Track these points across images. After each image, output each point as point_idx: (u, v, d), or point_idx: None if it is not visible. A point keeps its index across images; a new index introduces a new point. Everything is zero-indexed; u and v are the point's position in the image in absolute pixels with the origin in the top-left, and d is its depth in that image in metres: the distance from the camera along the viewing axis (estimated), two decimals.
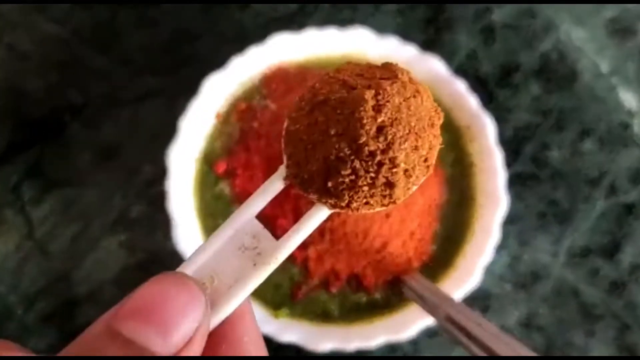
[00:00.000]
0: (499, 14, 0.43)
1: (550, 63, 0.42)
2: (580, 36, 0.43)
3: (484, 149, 0.33)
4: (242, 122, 0.32)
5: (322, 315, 0.30)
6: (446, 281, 0.31)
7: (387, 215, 0.30)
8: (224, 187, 0.31)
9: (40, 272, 0.36)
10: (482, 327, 0.26)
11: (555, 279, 0.39)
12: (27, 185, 0.37)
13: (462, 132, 0.33)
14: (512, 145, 0.40)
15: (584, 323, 0.38)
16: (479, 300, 0.38)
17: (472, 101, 0.33)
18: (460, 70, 0.41)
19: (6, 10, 0.40)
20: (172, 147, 0.30)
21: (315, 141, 0.16)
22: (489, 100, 0.41)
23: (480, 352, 0.25)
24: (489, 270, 0.38)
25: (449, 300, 0.28)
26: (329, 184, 0.16)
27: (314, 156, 0.16)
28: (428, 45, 0.41)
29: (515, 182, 0.40)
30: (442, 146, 0.32)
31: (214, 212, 0.31)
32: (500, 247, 0.38)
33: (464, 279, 0.31)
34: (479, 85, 0.41)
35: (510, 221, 0.39)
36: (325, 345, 0.29)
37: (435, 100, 0.33)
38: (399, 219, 0.30)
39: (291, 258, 0.30)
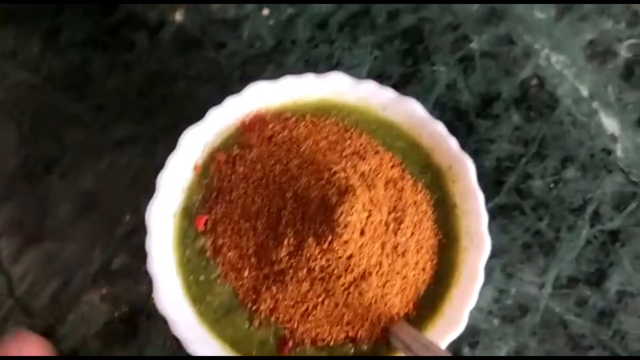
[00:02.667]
0: (478, 42, 0.42)
1: (530, 90, 0.42)
2: (560, 60, 0.43)
3: (465, 190, 0.32)
4: (221, 172, 0.32)
5: None
6: (434, 327, 0.31)
7: (380, 265, 0.30)
8: (205, 241, 0.31)
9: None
10: None
11: (543, 311, 0.38)
12: (4, 242, 0.37)
13: (443, 172, 0.33)
14: (494, 177, 0.40)
15: (573, 354, 0.38)
16: (467, 336, 0.38)
17: (452, 142, 0.33)
18: (439, 102, 0.41)
19: None
20: (151, 204, 0.30)
21: None
22: (469, 132, 0.41)
23: None
24: (477, 306, 0.38)
25: (436, 350, 0.28)
26: None
27: None
28: (407, 77, 0.41)
29: (499, 214, 0.39)
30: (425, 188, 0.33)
31: (196, 268, 0.31)
32: (487, 282, 0.38)
33: (451, 325, 0.31)
34: (459, 116, 0.41)
35: (495, 254, 0.39)
36: None
37: (415, 143, 0.33)
38: (394, 268, 0.30)
39: (281, 317, 0.30)
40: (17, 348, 0.28)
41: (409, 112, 0.33)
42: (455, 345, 0.37)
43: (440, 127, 0.33)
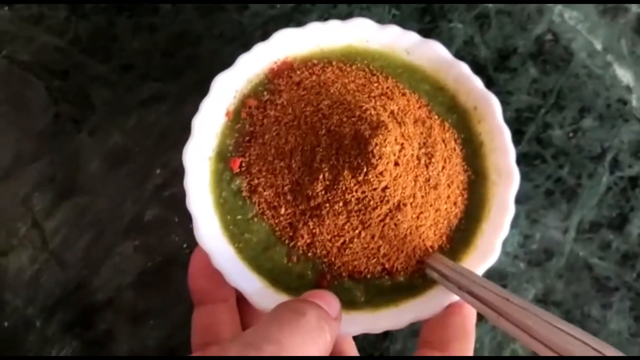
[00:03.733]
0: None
1: (545, 45, 0.43)
2: (573, 16, 0.44)
3: (492, 128, 0.33)
4: (252, 117, 0.32)
5: (348, 302, 0.30)
6: (468, 259, 0.32)
7: (414, 197, 0.30)
8: (241, 182, 0.31)
9: (57, 283, 0.36)
10: (508, 300, 0.26)
11: (568, 255, 0.39)
12: (37, 197, 0.37)
13: (469, 113, 0.34)
14: (515, 127, 0.41)
15: (599, 296, 0.39)
16: (495, 280, 0.38)
17: (477, 82, 0.33)
18: (458, 57, 0.42)
19: (3, 22, 0.40)
20: (186, 147, 0.30)
21: None
22: (489, 86, 0.41)
23: (508, 325, 0.25)
24: (503, 250, 0.39)
25: (472, 277, 0.28)
26: None
27: None
28: (425, 34, 0.41)
29: (521, 163, 0.40)
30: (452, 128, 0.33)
31: (233, 207, 0.31)
32: (512, 227, 0.39)
33: (484, 256, 0.31)
34: (478, 70, 0.41)
35: (519, 201, 0.39)
36: (353, 329, 0.29)
37: (440, 85, 0.34)
38: (427, 200, 0.31)
39: (318, 252, 0.31)
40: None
41: (433, 54, 0.34)
42: None
43: (464, 68, 0.34)
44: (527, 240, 0.39)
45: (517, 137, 0.41)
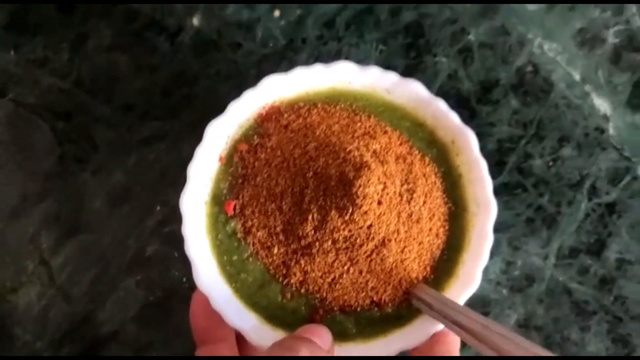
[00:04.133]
0: (475, 34, 0.45)
1: (526, 76, 0.45)
2: (552, 48, 0.45)
3: (470, 160, 0.35)
4: (244, 161, 0.34)
5: (341, 334, 0.32)
6: (451, 288, 0.33)
7: (397, 232, 0.32)
8: (235, 224, 0.33)
9: (64, 317, 0.38)
10: (488, 328, 0.28)
11: (548, 280, 0.41)
12: (44, 235, 0.39)
13: (448, 147, 0.36)
14: (497, 157, 0.43)
15: (578, 320, 0.41)
16: (478, 306, 0.40)
17: (454, 117, 0.35)
18: (442, 91, 0.44)
19: (9, 66, 0.42)
20: (183, 193, 0.32)
21: None
22: (471, 117, 0.43)
23: (489, 351, 0.27)
24: (486, 278, 0.41)
25: (455, 306, 0.30)
26: None
27: None
28: (411, 69, 0.44)
29: (503, 192, 0.42)
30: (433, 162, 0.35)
31: (229, 249, 0.33)
32: (494, 254, 0.41)
33: (466, 284, 0.33)
34: (461, 103, 0.44)
35: (501, 229, 0.42)
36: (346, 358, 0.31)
37: (419, 121, 0.36)
38: (410, 234, 0.33)
39: (310, 288, 0.33)
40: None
41: (412, 93, 0.36)
42: None
43: (442, 105, 0.35)
44: (509, 267, 0.41)
45: (499, 167, 0.43)
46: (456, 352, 0.31)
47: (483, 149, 0.41)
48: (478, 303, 0.40)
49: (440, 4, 0.46)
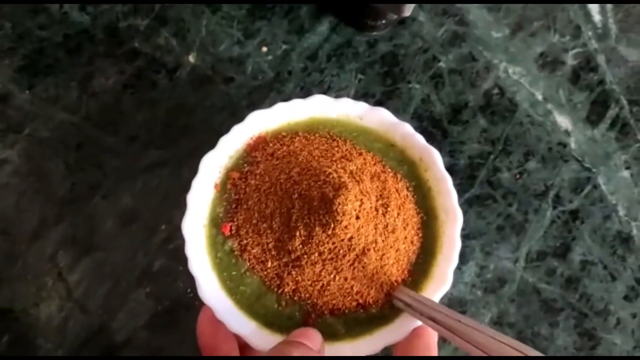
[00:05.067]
0: (445, 62, 0.50)
1: (493, 98, 0.49)
2: (516, 71, 0.50)
3: (436, 175, 0.39)
4: (237, 187, 0.38)
5: (331, 335, 0.35)
6: (427, 288, 0.37)
7: (376, 242, 0.36)
8: (232, 243, 0.37)
9: (81, 328, 0.42)
10: (461, 322, 0.31)
11: (519, 282, 0.45)
12: (61, 255, 0.43)
13: (416, 164, 0.40)
14: (468, 172, 0.47)
15: (547, 316, 0.45)
16: (455, 306, 0.44)
17: (420, 138, 0.39)
18: (417, 113, 0.49)
19: (25, 104, 0.47)
20: (184, 219, 0.36)
21: None
22: (444, 136, 0.48)
23: (461, 342, 0.30)
24: (462, 280, 0.45)
25: (431, 304, 0.34)
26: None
27: None
28: (388, 95, 0.49)
29: (475, 203, 0.47)
30: (404, 178, 0.39)
31: (228, 265, 0.37)
32: (469, 259, 0.45)
33: (440, 285, 0.37)
34: (434, 124, 0.48)
35: (474, 236, 0.46)
36: (338, 355, 0.35)
37: (390, 143, 0.40)
38: (387, 243, 0.36)
39: (302, 295, 0.37)
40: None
41: (381, 118, 0.40)
42: None
43: (408, 128, 0.40)
44: (483, 270, 0.45)
45: (471, 180, 0.47)
46: (434, 345, 0.35)
47: (455, 165, 0.46)
48: (456, 303, 0.44)
49: (413, 34, 0.50)
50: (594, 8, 0.52)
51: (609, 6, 0.52)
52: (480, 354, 0.29)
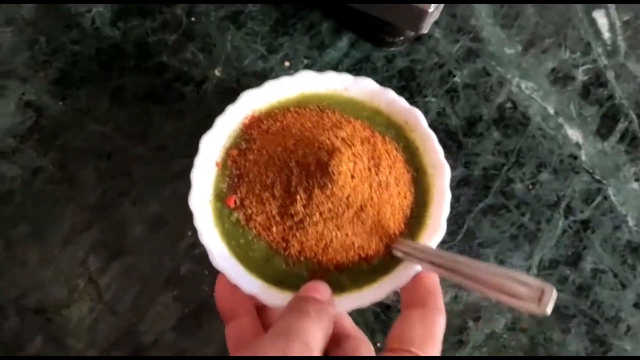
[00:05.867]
0: (460, 76, 0.52)
1: (506, 112, 0.51)
2: (529, 86, 0.52)
3: (422, 135, 0.41)
4: (237, 163, 0.40)
5: (338, 288, 0.38)
6: (423, 237, 0.39)
7: (372, 198, 0.38)
8: (238, 214, 0.39)
9: (111, 329, 0.44)
10: (457, 261, 0.33)
11: None
12: (92, 259, 0.45)
13: (403, 127, 0.42)
14: (483, 183, 0.49)
15: (559, 323, 0.46)
16: (469, 312, 0.46)
17: (404, 102, 0.42)
18: (433, 126, 0.50)
19: (59, 115, 0.49)
20: (190, 195, 0.38)
21: None
22: (459, 148, 0.50)
23: (459, 278, 0.33)
24: None
25: (428, 249, 0.36)
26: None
27: None
28: None
29: (489, 213, 0.48)
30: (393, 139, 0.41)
31: (235, 235, 0.39)
32: None
33: (434, 232, 0.39)
34: (450, 136, 0.50)
35: (488, 245, 0.47)
36: (346, 307, 0.37)
37: (376, 110, 0.42)
38: (383, 199, 0.38)
39: (308, 255, 0.38)
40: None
41: (366, 88, 0.42)
42: (461, 319, 0.46)
43: (391, 94, 0.42)
44: None
45: (485, 191, 0.49)
46: (437, 284, 0.35)
47: (470, 176, 0.48)
48: (470, 309, 0.46)
49: (430, 50, 0.53)
50: (603, 26, 0.54)
51: (618, 23, 0.54)
52: (480, 289, 0.31)
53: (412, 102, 0.50)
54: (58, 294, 0.45)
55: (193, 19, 0.53)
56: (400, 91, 0.51)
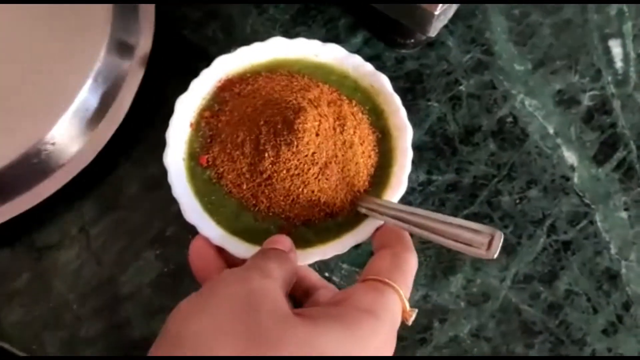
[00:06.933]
0: (466, 86, 0.53)
1: (506, 125, 0.52)
2: (532, 104, 0.53)
3: (386, 98, 0.43)
4: (209, 124, 0.43)
5: (305, 242, 0.40)
6: (385, 194, 0.41)
7: (336, 156, 0.40)
8: (210, 172, 0.42)
9: (93, 276, 0.46)
10: (415, 214, 0.36)
11: (502, 299, 0.47)
12: (87, 207, 0.48)
13: (368, 90, 0.44)
14: (471, 191, 0.50)
15: (524, 337, 0.47)
16: (438, 313, 0.47)
17: (369, 67, 0.44)
18: (432, 130, 0.52)
19: None
20: (165, 153, 0.41)
21: None
22: (454, 154, 0.51)
23: (417, 230, 0.35)
24: (447, 290, 0.47)
25: (391, 204, 0.39)
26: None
27: None
28: (407, 109, 0.51)
29: (472, 220, 0.49)
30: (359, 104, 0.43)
31: (207, 191, 0.41)
32: (457, 272, 0.48)
33: (396, 190, 0.41)
34: (446, 142, 0.51)
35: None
36: (310, 259, 0.39)
37: (344, 75, 0.45)
38: (347, 157, 0.40)
39: (276, 210, 0.40)
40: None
41: (334, 53, 0.45)
42: (427, 319, 0.47)
43: (358, 59, 0.44)
44: (469, 283, 0.48)
45: (471, 199, 0.50)
46: (404, 231, 0.37)
47: (459, 182, 0.49)
48: (438, 310, 0.47)
49: (440, 56, 0.54)
50: (617, 55, 0.54)
51: (632, 55, 0.54)
52: (436, 239, 0.34)
53: (414, 103, 0.52)
54: (52, 236, 0.47)
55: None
56: (404, 92, 0.52)
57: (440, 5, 0.45)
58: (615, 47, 0.55)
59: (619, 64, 0.54)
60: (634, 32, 0.55)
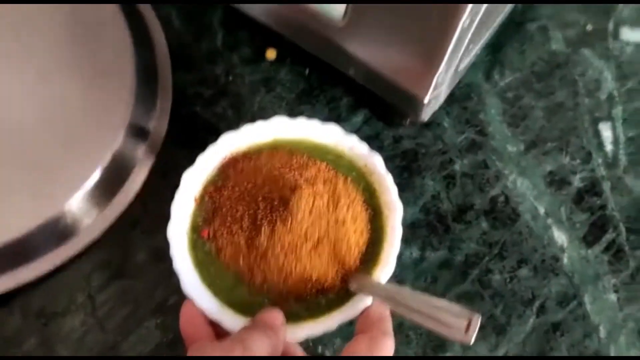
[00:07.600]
0: (460, 165, 0.55)
1: (498, 205, 0.54)
2: (524, 184, 0.55)
3: (379, 177, 0.45)
4: (212, 199, 0.45)
5: (295, 317, 0.41)
6: (375, 272, 0.42)
7: (328, 233, 0.42)
8: (210, 245, 0.44)
9: (96, 343, 0.48)
10: (400, 294, 0.38)
11: None
12: (95, 275, 0.51)
13: (362, 169, 0.46)
14: (462, 268, 0.52)
15: None
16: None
17: (364, 148, 0.46)
18: (425, 207, 0.54)
19: None
20: (169, 226, 0.43)
21: None
22: (446, 232, 0.53)
23: (403, 310, 0.37)
24: None
25: (377, 285, 0.41)
26: None
27: None
28: (402, 186, 0.54)
29: (463, 298, 0.51)
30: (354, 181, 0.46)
31: (206, 263, 0.43)
32: (448, 350, 0.49)
33: (386, 269, 0.42)
34: (439, 219, 0.53)
35: None
36: (299, 336, 0.40)
37: (340, 154, 0.47)
38: (339, 235, 0.42)
39: (269, 285, 0.42)
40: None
41: (332, 134, 0.47)
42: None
43: (354, 140, 0.47)
44: None
45: (463, 276, 0.51)
46: (386, 314, 0.39)
47: (451, 260, 0.51)
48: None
49: (436, 136, 0.56)
50: (607, 138, 0.57)
51: (622, 138, 0.57)
52: (419, 320, 0.36)
53: (409, 181, 0.54)
54: (59, 303, 0.50)
55: (230, 78, 0.59)
56: (400, 170, 0.55)
57: (430, 92, 0.48)
58: (605, 131, 0.57)
59: (609, 147, 0.56)
60: (624, 116, 0.58)
